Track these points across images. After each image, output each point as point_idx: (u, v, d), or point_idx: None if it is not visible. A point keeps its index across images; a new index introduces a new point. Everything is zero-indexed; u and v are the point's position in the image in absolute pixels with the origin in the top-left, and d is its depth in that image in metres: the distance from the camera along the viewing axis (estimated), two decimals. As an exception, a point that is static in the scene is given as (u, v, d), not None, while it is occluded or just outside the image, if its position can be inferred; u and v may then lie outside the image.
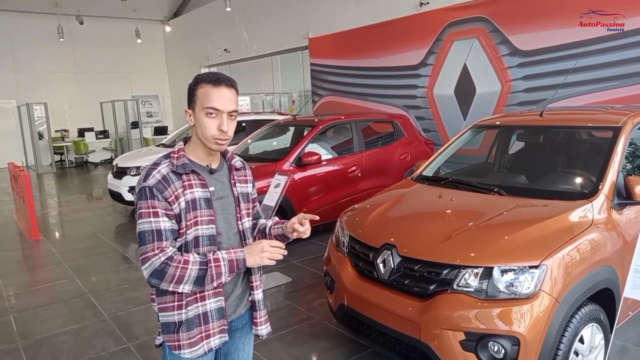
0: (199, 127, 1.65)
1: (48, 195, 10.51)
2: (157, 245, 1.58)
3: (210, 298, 1.68)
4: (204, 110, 1.62)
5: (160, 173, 1.62)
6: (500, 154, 4.38)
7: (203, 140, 1.66)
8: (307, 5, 10.82)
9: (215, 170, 1.74)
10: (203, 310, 1.67)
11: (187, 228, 1.63)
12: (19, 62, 14.91)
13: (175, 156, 1.67)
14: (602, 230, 2.68)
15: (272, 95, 16.31)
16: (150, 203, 1.59)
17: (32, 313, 4.25)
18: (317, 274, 4.84)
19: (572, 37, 6.10)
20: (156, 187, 1.59)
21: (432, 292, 2.52)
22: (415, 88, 8.35)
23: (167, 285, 1.58)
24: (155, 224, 1.58)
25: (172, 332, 1.68)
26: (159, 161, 1.67)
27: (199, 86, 1.64)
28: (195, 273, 1.58)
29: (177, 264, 1.57)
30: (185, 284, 1.58)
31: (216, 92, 1.62)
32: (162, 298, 1.69)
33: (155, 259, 1.56)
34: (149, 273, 1.57)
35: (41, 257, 5.97)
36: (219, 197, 1.72)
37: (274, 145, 6.94)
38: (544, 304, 2.32)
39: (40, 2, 14.36)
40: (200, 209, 1.64)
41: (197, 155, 1.71)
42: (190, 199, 1.63)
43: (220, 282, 1.63)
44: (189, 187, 1.64)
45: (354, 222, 3.31)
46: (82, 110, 16.08)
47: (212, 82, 1.63)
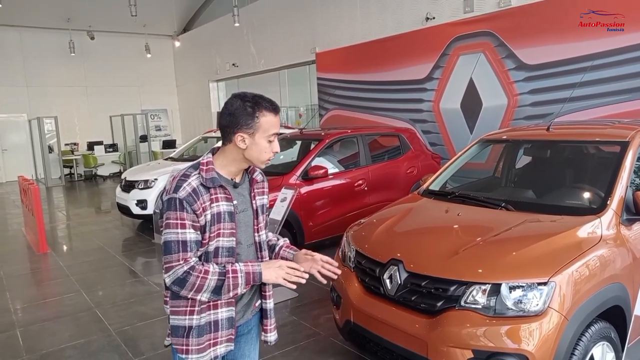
0: (255, 151, 1.72)
1: (57, 209, 10.59)
2: (182, 255, 1.63)
3: (222, 307, 1.74)
4: (268, 137, 1.71)
5: (191, 186, 1.66)
6: (507, 168, 4.36)
7: (254, 160, 1.75)
8: (314, 21, 10.94)
9: (238, 184, 1.80)
10: (214, 319, 1.73)
11: (209, 239, 1.69)
12: (31, 77, 15.17)
13: (204, 169, 1.70)
14: (611, 247, 2.65)
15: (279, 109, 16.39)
16: (179, 215, 1.63)
17: (38, 327, 4.25)
18: (323, 289, 4.81)
19: (579, 51, 6.11)
20: (186, 200, 1.64)
21: (440, 308, 2.49)
22: (422, 102, 8.37)
23: (187, 293, 1.65)
24: (182, 235, 1.64)
25: (180, 336, 1.73)
26: (189, 172, 1.69)
27: (261, 114, 1.69)
28: (214, 283, 1.64)
29: (198, 273, 1.63)
30: (204, 292, 1.65)
31: (277, 120, 1.74)
32: (175, 301, 1.74)
33: (179, 268, 1.62)
34: (171, 280, 1.64)
35: (49, 271, 5.99)
36: (241, 210, 1.79)
37: (280, 159, 6.96)
38: (553, 321, 2.29)
39: (52, 18, 14.65)
40: (223, 222, 1.71)
41: (228, 170, 1.77)
42: (216, 212, 1.69)
43: (236, 293, 1.69)
44: (215, 200, 1.69)
45: (361, 236, 3.30)
46: (92, 123, 16.27)
47: (274, 111, 1.73)
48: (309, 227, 5.53)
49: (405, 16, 8.67)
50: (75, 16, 14.63)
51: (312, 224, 5.57)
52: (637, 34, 5.60)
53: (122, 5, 10.74)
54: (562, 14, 6.23)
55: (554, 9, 6.32)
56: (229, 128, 1.70)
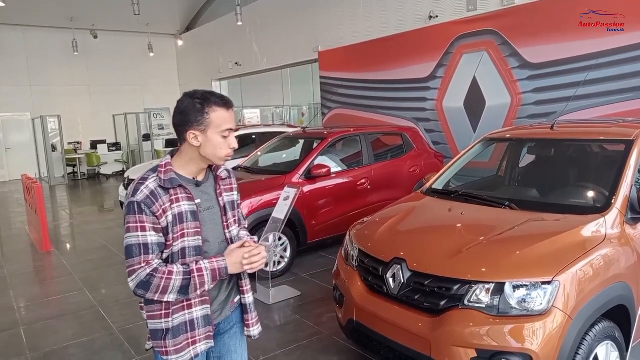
0: (210, 148, 1.71)
1: (60, 207, 10.62)
2: (143, 258, 1.64)
3: (196, 306, 1.74)
4: (221, 132, 1.69)
5: (149, 188, 1.66)
6: (511, 167, 4.34)
7: (211, 158, 1.73)
8: (316, 19, 10.93)
9: (201, 183, 1.80)
10: (190, 318, 1.74)
11: (174, 240, 1.69)
12: (34, 76, 15.21)
13: (162, 170, 1.71)
14: (616, 246, 2.63)
15: (282, 108, 16.40)
16: (139, 218, 1.64)
17: (42, 325, 4.27)
18: (326, 288, 4.81)
19: (583, 50, 6.08)
20: (144, 203, 1.64)
21: (443, 307, 2.49)
22: (425, 101, 8.36)
23: (152, 295, 1.65)
24: (142, 238, 1.64)
25: (159, 339, 1.75)
26: (147, 175, 1.70)
27: (211, 109, 1.68)
28: (179, 283, 1.64)
29: (161, 275, 1.63)
30: (170, 293, 1.65)
31: (229, 115, 1.72)
32: (149, 307, 1.75)
33: (141, 271, 1.62)
34: (135, 284, 1.64)
35: (52, 269, 6.01)
36: (205, 208, 1.78)
37: (283, 157, 6.95)
38: (557, 320, 2.28)
39: (55, 17, 14.68)
40: (187, 222, 1.70)
41: (187, 169, 1.77)
42: (177, 212, 1.68)
43: (204, 290, 1.70)
44: (175, 201, 1.69)
45: (363, 235, 3.29)
46: (95, 122, 16.31)
47: (225, 105, 1.71)
48: (312, 225, 5.53)
49: (408, 15, 8.65)
50: (78, 15, 14.66)
51: (314, 223, 5.56)
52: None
53: (125, 4, 10.75)
54: (566, 12, 6.20)
55: (557, 7, 6.30)
56: (181, 127, 1.71)
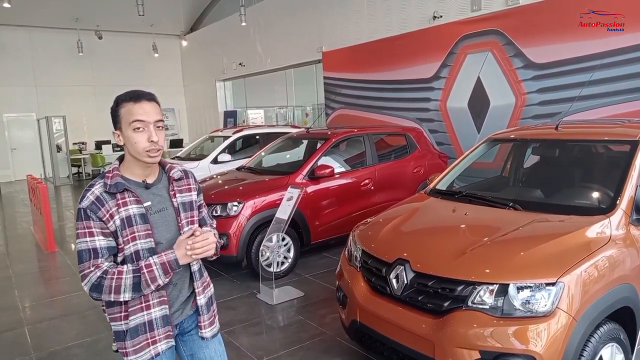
0: (129, 145, 1.72)
1: (65, 207, 10.66)
2: (93, 262, 1.67)
3: (155, 307, 1.76)
4: (131, 126, 1.69)
5: (94, 194, 1.69)
6: (515, 167, 4.33)
7: (136, 155, 1.73)
8: (320, 20, 10.93)
9: (151, 185, 1.80)
10: (148, 319, 1.75)
11: (124, 244, 1.70)
12: (40, 76, 15.30)
13: (109, 176, 1.73)
14: (621, 247, 2.61)
15: (286, 108, 16.42)
16: (86, 224, 1.68)
17: (46, 325, 4.28)
18: (329, 288, 4.81)
19: (588, 50, 6.05)
20: (90, 208, 1.67)
21: (446, 308, 2.48)
22: (429, 101, 8.34)
23: (107, 297, 1.67)
24: (91, 243, 1.67)
25: (122, 340, 1.77)
26: (94, 182, 1.74)
27: (120, 106, 1.71)
28: (130, 281, 1.66)
29: (111, 275, 1.65)
30: (124, 292, 1.66)
31: (138, 107, 1.70)
32: (110, 309, 1.77)
33: (92, 275, 1.65)
34: (88, 288, 1.67)
35: (56, 269, 6.03)
36: (156, 210, 1.78)
37: (287, 158, 6.96)
38: (561, 322, 2.27)
39: (60, 18, 14.75)
40: (136, 225, 1.71)
41: (132, 172, 1.77)
42: (124, 216, 1.70)
43: (158, 284, 1.70)
44: (123, 205, 1.70)
45: (367, 236, 3.28)
46: (100, 123, 16.33)
47: (133, 99, 1.70)
48: (315, 226, 5.53)
49: (412, 15, 8.64)
50: (83, 16, 14.72)
51: (318, 223, 5.56)
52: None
53: (130, 5, 10.78)
54: (570, 12, 6.17)
55: (562, 7, 6.27)
56: (113, 130, 1.76)
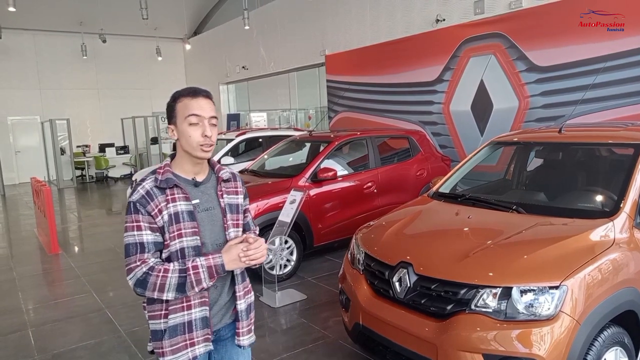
0: (183, 139, 1.73)
1: (68, 210, 10.70)
2: (139, 257, 1.66)
3: (195, 307, 1.74)
4: (186, 120, 1.71)
5: (145, 189, 1.70)
6: (518, 170, 4.32)
7: (189, 150, 1.74)
8: (323, 23, 10.95)
9: (200, 183, 1.81)
10: (188, 319, 1.73)
11: (170, 240, 1.70)
12: (44, 80, 15.38)
13: (160, 171, 1.74)
14: (625, 250, 2.61)
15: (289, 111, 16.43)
16: (134, 217, 1.68)
17: (50, 327, 4.29)
18: (332, 292, 4.81)
19: (591, 53, 6.04)
20: (139, 202, 1.68)
21: (450, 312, 2.47)
22: (432, 104, 8.34)
23: (151, 293, 1.67)
24: (138, 237, 1.68)
25: (158, 340, 1.75)
26: (146, 177, 1.75)
27: (177, 101, 1.74)
28: (175, 281, 1.65)
29: (157, 273, 1.65)
30: (168, 291, 1.66)
31: (195, 102, 1.72)
32: (151, 306, 1.77)
33: (138, 270, 1.65)
34: (133, 283, 1.67)
35: (60, 271, 6.05)
36: (204, 208, 1.78)
37: (290, 161, 6.96)
38: (564, 325, 2.26)
39: (65, 22, 14.84)
40: (183, 222, 1.71)
41: (183, 168, 1.78)
42: (173, 212, 1.70)
43: (202, 287, 1.69)
44: (172, 200, 1.71)
45: (370, 239, 3.28)
46: (104, 126, 16.45)
47: (190, 94, 1.73)
48: (318, 229, 5.53)
49: (415, 18, 8.65)
50: (87, 20, 14.81)
51: (321, 226, 5.56)
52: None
53: (134, 8, 10.84)
54: (573, 15, 6.16)
55: (565, 11, 6.26)
56: (167, 125, 1.78)
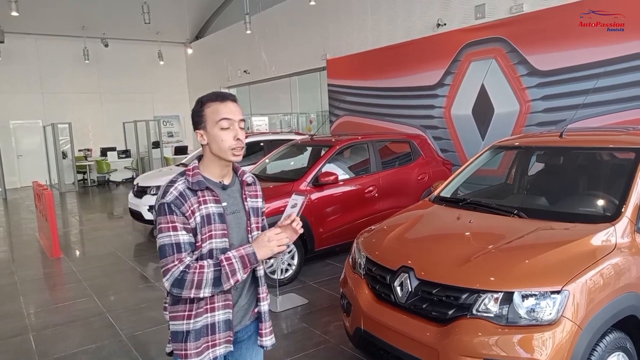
0: (214, 143, 1.75)
1: (70, 214, 10.71)
2: (177, 257, 1.66)
3: (219, 309, 1.75)
4: (218, 124, 1.73)
5: (177, 190, 1.71)
6: (519, 175, 4.32)
7: (220, 154, 1.76)
8: (325, 28, 10.98)
9: (227, 186, 1.84)
10: (212, 321, 1.75)
11: (202, 241, 1.72)
12: (46, 84, 15.42)
13: (190, 174, 1.76)
14: (626, 255, 2.60)
15: (290, 115, 16.45)
16: (169, 218, 1.68)
17: (51, 332, 4.29)
18: (333, 296, 4.80)
19: (592, 57, 6.05)
20: (174, 203, 1.69)
21: (451, 317, 2.47)
22: (433, 108, 8.35)
23: (188, 292, 1.65)
24: (174, 237, 1.68)
25: (179, 341, 1.75)
26: (175, 179, 1.76)
27: (206, 106, 1.76)
28: (211, 275, 1.66)
29: (194, 270, 1.65)
30: (205, 287, 1.66)
31: (225, 107, 1.75)
32: (174, 307, 1.76)
33: (175, 269, 1.65)
34: (170, 283, 1.65)
35: (61, 275, 6.05)
36: (231, 211, 1.81)
37: (291, 165, 6.97)
38: (566, 330, 2.26)
39: (67, 26, 14.90)
40: (214, 223, 1.73)
41: (211, 172, 1.80)
42: (205, 214, 1.72)
43: (236, 279, 1.69)
44: (203, 202, 1.73)
45: (371, 243, 3.28)
46: (105, 130, 16.47)
47: (219, 99, 1.76)
48: (320, 233, 5.53)
49: (416, 23, 8.67)
50: (89, 24, 14.86)
51: (322, 231, 5.56)
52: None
53: (136, 13, 10.89)
54: (574, 19, 6.18)
55: (566, 15, 6.28)
56: (194, 131, 1.80)
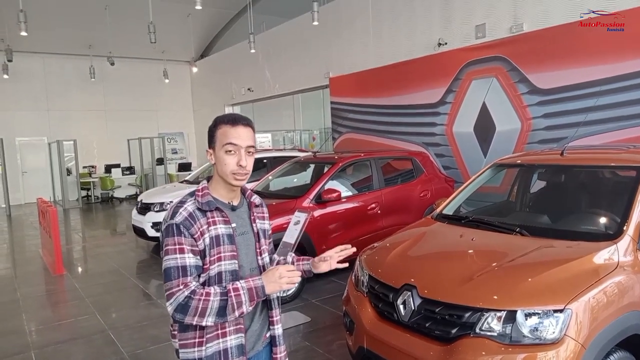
0: (219, 165, 1.74)
1: (73, 230, 10.73)
2: (182, 280, 1.61)
3: (231, 334, 1.70)
4: (224, 147, 1.72)
5: (187, 210, 1.68)
6: (521, 192, 4.33)
7: (223, 176, 1.74)
8: (328, 46, 11.13)
9: (236, 207, 1.82)
10: (224, 347, 1.69)
11: (210, 264, 1.67)
12: (52, 101, 15.62)
13: (199, 194, 1.74)
14: (629, 273, 2.60)
15: (293, 132, 16.57)
16: (177, 240, 1.64)
17: (52, 349, 4.28)
18: (336, 314, 4.78)
19: (592, 75, 6.10)
20: (183, 224, 1.65)
21: (454, 336, 2.46)
22: (435, 126, 8.40)
23: (191, 319, 1.60)
24: (180, 260, 1.63)
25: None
26: (185, 199, 1.73)
27: (218, 127, 1.75)
28: (217, 304, 1.61)
29: (199, 296, 1.60)
30: (209, 316, 1.61)
31: (234, 131, 1.73)
32: (183, 334, 1.71)
33: (180, 294, 1.60)
34: (173, 308, 1.60)
35: (64, 292, 6.05)
36: (240, 232, 1.79)
37: (294, 182, 7.01)
38: (569, 349, 2.24)
39: (74, 45, 15.14)
40: (223, 245, 1.70)
41: (219, 192, 1.78)
42: (214, 235, 1.68)
43: (241, 311, 1.64)
44: (212, 223, 1.69)
45: (374, 261, 3.28)
46: (110, 146, 16.59)
47: (230, 122, 1.74)
48: (322, 250, 5.44)
49: (417, 42, 8.78)
50: (96, 43, 15.09)
51: (325, 248, 5.52)
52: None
53: (142, 32, 11.06)
54: (574, 38, 6.26)
55: (566, 34, 6.36)
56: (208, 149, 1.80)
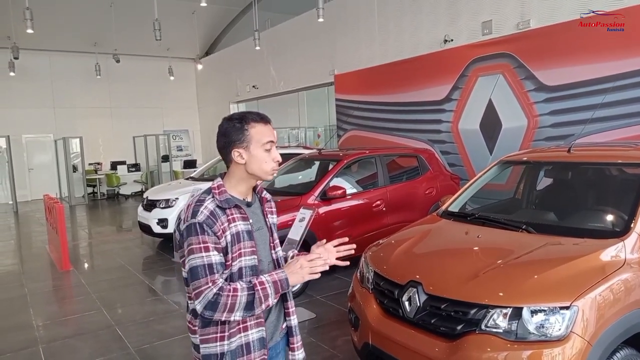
0: (255, 163, 1.75)
1: (79, 227, 10.80)
2: (210, 278, 1.62)
3: (252, 328, 1.73)
4: (263, 146, 1.74)
5: (208, 209, 1.68)
6: (528, 190, 4.31)
7: (259, 173, 1.77)
8: (333, 43, 11.11)
9: (251, 204, 1.83)
10: (246, 341, 1.72)
11: (232, 260, 1.69)
12: (58, 99, 15.70)
13: (217, 192, 1.73)
14: (636, 271, 2.58)
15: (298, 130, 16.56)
16: (201, 238, 1.64)
17: (60, 344, 4.32)
18: (341, 310, 4.79)
19: (599, 72, 6.06)
20: (206, 223, 1.65)
21: (460, 332, 2.46)
22: (440, 123, 8.38)
23: (220, 315, 1.62)
24: (207, 258, 1.64)
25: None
26: (203, 197, 1.72)
27: (249, 126, 1.74)
28: (245, 299, 1.63)
29: (227, 292, 1.62)
30: (237, 311, 1.63)
31: (268, 129, 1.78)
32: (205, 330, 1.72)
33: (208, 292, 1.61)
34: (202, 306, 1.61)
35: (71, 288, 6.09)
36: (257, 228, 1.81)
37: (299, 179, 7.01)
38: (576, 346, 2.24)
39: (80, 42, 15.21)
40: (243, 241, 1.71)
41: (238, 190, 1.79)
42: (234, 232, 1.70)
43: (268, 304, 1.68)
44: (232, 220, 1.71)
45: (379, 257, 3.28)
46: (116, 144, 16.68)
47: (263, 121, 1.77)
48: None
49: (423, 38, 8.75)
50: (102, 41, 15.16)
51: (330, 245, 5.55)
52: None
53: (147, 30, 11.09)
54: (581, 35, 6.21)
55: (573, 31, 6.32)
56: (225, 148, 1.76)
